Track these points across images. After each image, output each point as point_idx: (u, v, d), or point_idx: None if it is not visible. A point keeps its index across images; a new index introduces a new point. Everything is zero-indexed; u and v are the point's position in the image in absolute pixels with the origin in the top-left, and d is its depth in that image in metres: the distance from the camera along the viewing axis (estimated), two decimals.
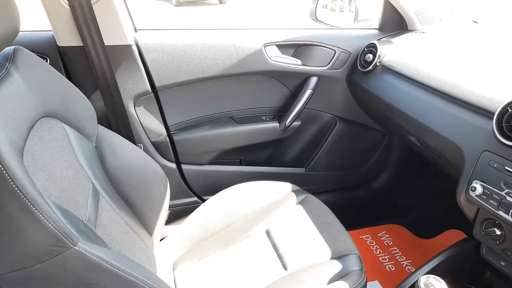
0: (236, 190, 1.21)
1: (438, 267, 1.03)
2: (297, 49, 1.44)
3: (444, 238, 1.63)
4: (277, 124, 1.48)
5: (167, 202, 1.06)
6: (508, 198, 0.78)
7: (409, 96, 1.15)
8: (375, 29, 1.51)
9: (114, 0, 1.11)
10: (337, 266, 0.92)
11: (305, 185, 1.61)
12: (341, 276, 0.90)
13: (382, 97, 1.26)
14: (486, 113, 0.88)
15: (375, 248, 1.59)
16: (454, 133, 0.95)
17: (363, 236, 1.66)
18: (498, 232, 0.86)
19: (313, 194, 1.22)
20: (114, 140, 0.97)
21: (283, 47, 1.42)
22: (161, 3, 11.37)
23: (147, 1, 11.26)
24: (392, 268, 1.50)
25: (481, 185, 0.83)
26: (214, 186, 1.42)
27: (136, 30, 1.25)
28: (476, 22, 1.42)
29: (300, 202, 1.15)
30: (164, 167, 1.37)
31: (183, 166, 1.44)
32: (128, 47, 1.19)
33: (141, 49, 1.22)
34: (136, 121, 1.30)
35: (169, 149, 1.39)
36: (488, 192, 0.81)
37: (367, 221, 1.74)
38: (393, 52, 1.31)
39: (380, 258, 1.54)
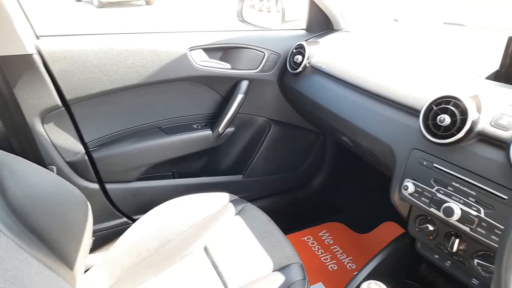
0: (169, 206, 1.12)
1: (378, 267, 1.04)
2: (225, 52, 1.38)
3: (381, 230, 1.69)
4: (210, 132, 1.41)
5: (89, 228, 0.94)
6: (438, 195, 0.79)
7: (339, 97, 1.15)
8: (302, 29, 1.50)
9: (4, 3, 0.95)
10: (279, 279, 0.90)
11: (244, 192, 1.56)
12: None
13: (313, 98, 1.26)
14: (413, 111, 0.89)
15: (317, 249, 1.59)
16: (384, 133, 0.96)
17: (305, 238, 1.66)
18: (431, 228, 0.87)
19: (252, 200, 1.18)
20: (17, 166, 0.83)
21: (210, 50, 1.35)
22: (82, 5, 10.73)
23: (66, 3, 10.56)
24: (335, 267, 1.50)
25: (413, 183, 0.84)
26: (146, 204, 1.32)
27: (38, 37, 1.10)
28: (396, 21, 1.48)
29: (238, 213, 1.10)
30: (84, 189, 1.23)
31: (107, 186, 1.32)
32: (28, 56, 1.03)
33: (45, 58, 1.08)
34: (45, 141, 1.15)
35: (88, 168, 1.26)
36: (420, 190, 0.83)
37: (308, 222, 1.75)
38: (321, 53, 1.30)
39: (322, 259, 1.54)
